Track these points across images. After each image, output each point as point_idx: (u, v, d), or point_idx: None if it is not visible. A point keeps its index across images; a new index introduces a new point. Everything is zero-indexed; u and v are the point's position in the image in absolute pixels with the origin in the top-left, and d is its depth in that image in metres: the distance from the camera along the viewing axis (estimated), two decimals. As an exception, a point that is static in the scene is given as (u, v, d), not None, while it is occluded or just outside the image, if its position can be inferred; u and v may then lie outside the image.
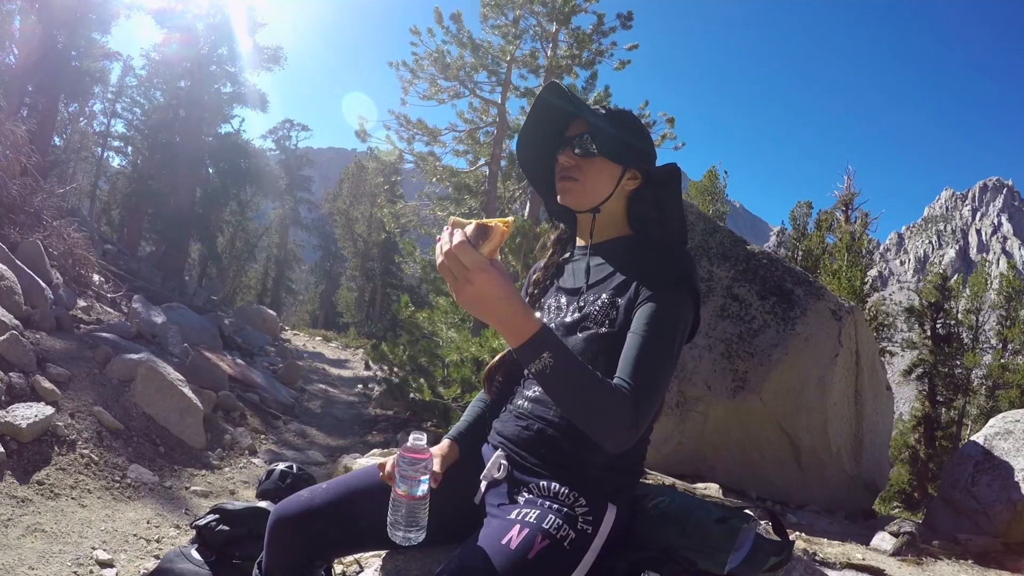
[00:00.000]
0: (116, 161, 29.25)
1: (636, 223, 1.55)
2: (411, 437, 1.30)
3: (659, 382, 1.27)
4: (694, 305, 1.39)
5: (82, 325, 6.22)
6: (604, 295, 1.43)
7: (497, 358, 1.62)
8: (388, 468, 1.42)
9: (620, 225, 1.55)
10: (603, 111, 1.52)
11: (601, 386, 1.20)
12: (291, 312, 38.14)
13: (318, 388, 11.02)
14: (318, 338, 20.54)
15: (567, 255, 1.65)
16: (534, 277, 1.68)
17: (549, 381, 1.18)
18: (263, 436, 6.63)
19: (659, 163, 1.54)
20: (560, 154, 1.51)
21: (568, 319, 1.47)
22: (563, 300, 1.53)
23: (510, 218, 1.19)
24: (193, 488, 4.60)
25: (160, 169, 21.03)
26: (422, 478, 1.28)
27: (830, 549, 3.20)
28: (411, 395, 8.17)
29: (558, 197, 1.52)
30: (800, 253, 19.64)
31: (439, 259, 1.13)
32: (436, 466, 1.46)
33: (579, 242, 1.62)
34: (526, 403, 1.48)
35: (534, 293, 1.64)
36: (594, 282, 1.48)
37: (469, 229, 1.14)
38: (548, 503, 1.34)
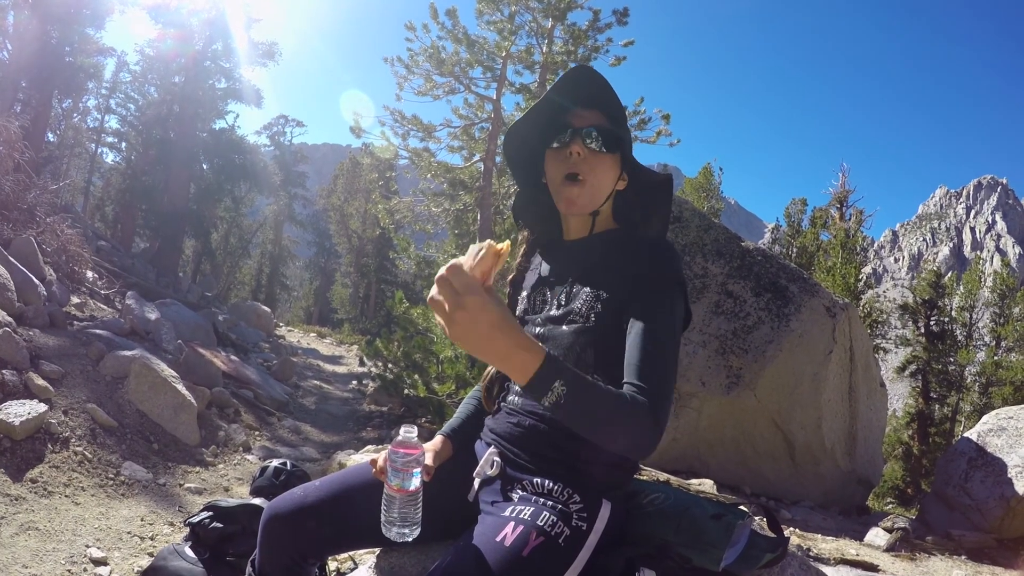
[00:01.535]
0: (110, 157, 29.32)
1: (619, 219, 1.55)
2: (402, 431, 1.29)
3: (669, 383, 1.25)
4: (684, 298, 1.38)
5: (75, 322, 6.19)
6: (588, 288, 1.41)
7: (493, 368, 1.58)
8: (380, 463, 1.40)
9: (606, 220, 1.53)
10: None
11: (619, 401, 1.13)
12: (285, 308, 38.11)
13: (312, 384, 11.00)
14: (312, 334, 20.49)
15: (543, 251, 1.62)
16: (510, 277, 1.64)
17: (565, 411, 1.09)
18: (257, 433, 6.61)
19: (656, 160, 1.51)
20: (570, 143, 1.44)
21: (554, 312, 1.46)
22: (548, 293, 1.51)
23: (506, 242, 1.08)
24: (187, 485, 4.59)
25: (154, 165, 21.02)
26: (414, 471, 1.28)
27: (824, 545, 3.22)
28: (405, 391, 8.16)
29: (562, 206, 1.47)
30: (794, 250, 19.64)
31: (430, 295, 1.02)
32: (428, 460, 1.46)
33: (567, 235, 1.58)
34: (517, 399, 1.48)
35: (510, 293, 1.61)
36: (580, 275, 1.46)
37: (463, 257, 1.04)
38: (542, 500, 1.33)
